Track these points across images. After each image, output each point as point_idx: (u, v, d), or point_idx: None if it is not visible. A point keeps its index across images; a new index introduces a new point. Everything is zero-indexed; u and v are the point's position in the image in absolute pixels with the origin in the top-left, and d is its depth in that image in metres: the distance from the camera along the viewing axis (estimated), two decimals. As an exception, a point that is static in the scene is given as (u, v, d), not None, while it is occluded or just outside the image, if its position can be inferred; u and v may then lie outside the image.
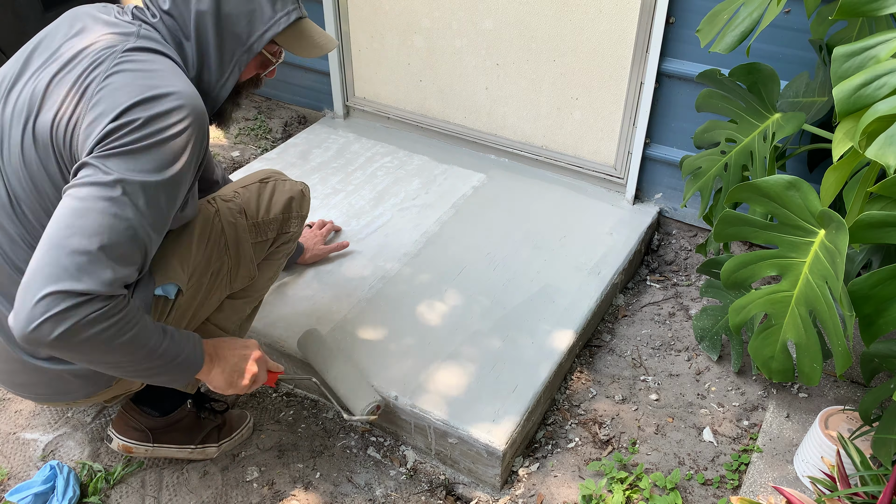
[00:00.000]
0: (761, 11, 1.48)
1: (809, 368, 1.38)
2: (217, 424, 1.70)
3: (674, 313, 2.10)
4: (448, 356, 1.79)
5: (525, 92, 2.42)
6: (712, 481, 1.63)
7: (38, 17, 2.36)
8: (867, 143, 1.04)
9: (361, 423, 1.77)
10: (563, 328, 1.88)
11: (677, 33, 2.05)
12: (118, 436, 1.59)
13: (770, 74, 1.62)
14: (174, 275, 1.33)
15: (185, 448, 1.64)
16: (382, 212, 2.30)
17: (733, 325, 1.51)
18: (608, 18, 2.14)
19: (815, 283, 1.29)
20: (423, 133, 2.71)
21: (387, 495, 1.64)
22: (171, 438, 1.62)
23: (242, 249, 1.52)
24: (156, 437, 1.60)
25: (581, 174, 2.45)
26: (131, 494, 1.62)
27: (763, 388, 1.84)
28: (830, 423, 1.55)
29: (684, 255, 2.29)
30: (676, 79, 2.12)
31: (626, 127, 2.28)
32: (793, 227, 1.32)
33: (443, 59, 2.52)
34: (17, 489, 1.56)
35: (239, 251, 1.51)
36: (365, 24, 2.61)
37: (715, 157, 1.76)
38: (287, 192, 1.62)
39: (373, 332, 1.86)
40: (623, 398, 1.84)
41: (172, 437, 1.62)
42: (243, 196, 1.56)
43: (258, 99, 3.11)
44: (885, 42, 1.10)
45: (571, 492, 1.62)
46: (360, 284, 2.01)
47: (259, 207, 1.57)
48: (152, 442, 1.60)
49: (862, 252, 1.49)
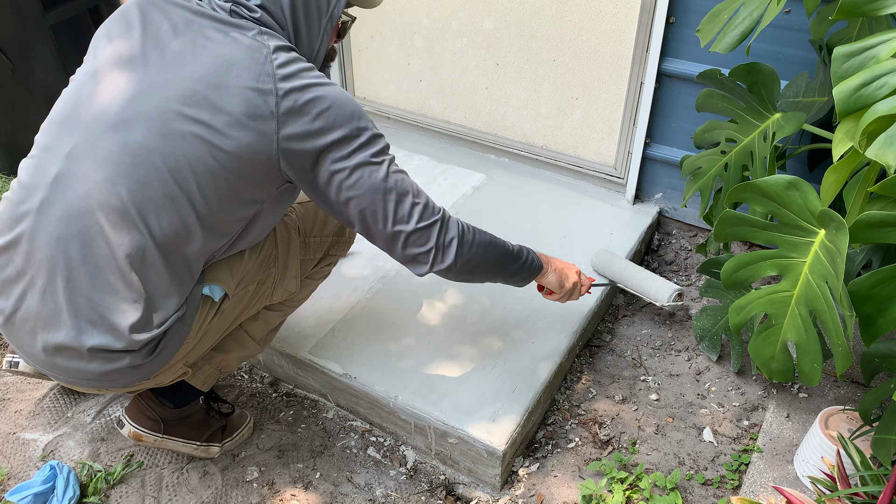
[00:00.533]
0: (761, 11, 1.48)
1: (809, 368, 1.38)
2: (221, 426, 1.71)
3: (674, 313, 2.10)
4: (448, 356, 1.79)
5: (525, 92, 2.42)
6: (712, 481, 1.63)
7: (38, 17, 2.35)
8: (867, 143, 1.04)
9: (673, 308, 2.10)
10: (563, 328, 1.88)
11: (677, 33, 2.05)
12: (130, 422, 1.57)
13: (770, 74, 1.61)
14: (222, 278, 1.37)
15: (191, 443, 1.64)
16: (382, 212, 2.29)
17: (733, 325, 1.51)
18: (608, 18, 2.14)
19: (815, 282, 1.29)
20: (423, 133, 2.71)
21: (387, 495, 1.64)
22: (180, 432, 1.62)
23: (290, 264, 1.54)
24: (166, 429, 1.60)
25: (581, 174, 2.45)
26: (131, 494, 1.62)
27: (763, 388, 1.84)
28: (830, 423, 1.55)
29: (684, 255, 2.29)
30: (676, 79, 2.11)
31: (626, 127, 2.28)
32: (793, 227, 1.32)
33: (443, 59, 2.52)
34: (17, 489, 1.56)
35: (287, 265, 1.54)
36: (365, 24, 2.61)
37: (715, 157, 1.76)
38: None
39: (373, 331, 1.86)
40: (623, 398, 1.84)
41: (182, 430, 1.63)
42: (299, 212, 1.59)
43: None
44: (885, 42, 1.10)
45: (571, 492, 1.62)
46: (360, 284, 2.01)
47: (314, 226, 1.60)
48: (162, 433, 1.59)
49: (862, 252, 1.49)
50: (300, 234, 1.58)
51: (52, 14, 2.43)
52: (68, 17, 2.50)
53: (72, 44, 2.55)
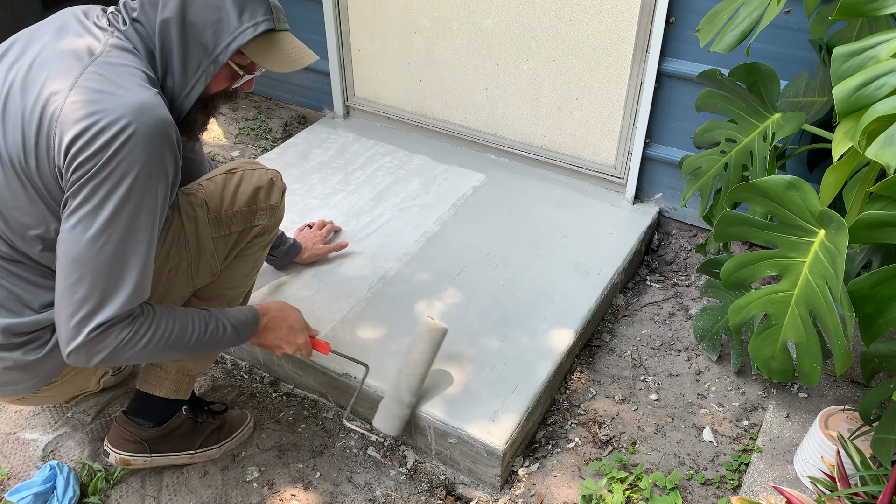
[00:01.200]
0: (761, 11, 1.48)
1: (809, 368, 1.38)
2: (217, 426, 1.70)
3: (674, 313, 2.10)
4: (448, 356, 1.79)
5: (525, 92, 2.42)
6: (712, 481, 1.63)
7: (38, 17, 2.36)
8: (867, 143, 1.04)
9: (351, 430, 1.77)
10: (562, 328, 1.88)
11: (677, 33, 2.05)
12: (114, 450, 1.58)
13: (770, 74, 1.62)
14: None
15: (185, 454, 1.64)
16: (382, 212, 2.30)
17: (733, 325, 1.51)
18: (608, 18, 2.14)
19: (815, 282, 1.29)
20: (423, 133, 2.71)
21: (387, 495, 1.64)
22: (169, 446, 1.62)
23: (203, 244, 1.47)
24: (153, 447, 1.59)
25: (581, 174, 2.45)
26: (131, 494, 1.62)
27: (763, 388, 1.84)
28: (830, 423, 1.55)
29: (684, 255, 2.29)
30: (676, 79, 2.12)
31: (626, 127, 2.28)
32: (793, 227, 1.32)
33: (443, 59, 2.52)
34: (17, 489, 1.56)
35: (201, 245, 1.47)
36: (365, 24, 2.61)
37: (715, 157, 1.76)
38: (255, 182, 1.55)
39: (373, 332, 1.86)
40: (623, 398, 1.84)
41: (171, 444, 1.62)
42: (207, 188, 1.50)
43: (258, 99, 3.11)
44: (885, 42, 1.10)
45: (571, 492, 1.62)
46: (360, 284, 2.01)
47: (223, 200, 1.51)
48: (150, 452, 1.59)
49: (862, 252, 1.49)
50: (209, 210, 1.48)
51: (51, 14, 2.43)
52: (68, 17, 2.50)
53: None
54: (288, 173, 2.48)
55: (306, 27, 2.73)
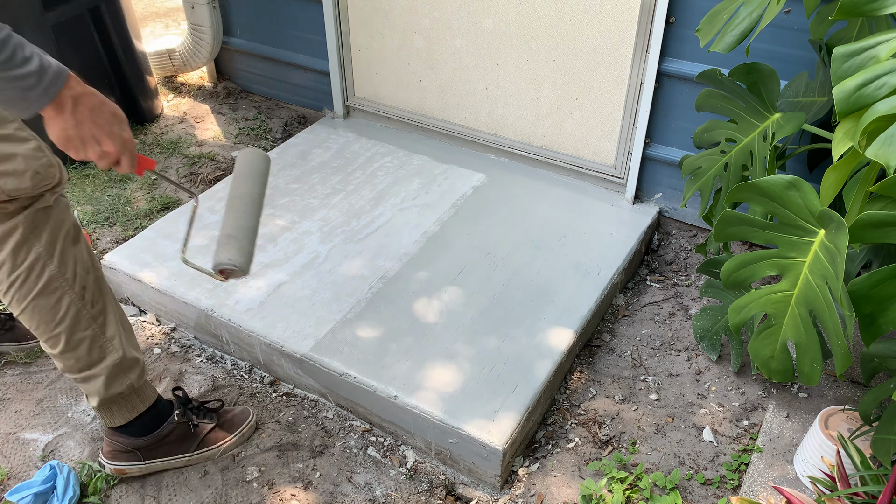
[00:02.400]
0: (761, 11, 1.48)
1: (809, 368, 1.38)
2: (215, 424, 1.69)
3: (674, 313, 2.10)
4: (448, 356, 1.79)
5: (525, 92, 2.42)
6: (712, 481, 1.63)
7: (38, 17, 2.36)
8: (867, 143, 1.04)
9: (195, 268, 1.40)
10: (562, 328, 1.88)
11: (677, 33, 2.05)
12: (109, 462, 1.60)
13: (770, 74, 1.62)
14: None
15: (181, 457, 1.64)
16: (382, 212, 2.30)
17: (733, 325, 1.51)
18: (608, 18, 2.14)
19: (814, 282, 1.29)
20: (423, 133, 2.71)
21: (387, 495, 1.64)
22: (164, 452, 1.62)
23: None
24: (146, 455, 1.60)
25: (581, 174, 2.45)
26: (131, 494, 1.62)
27: (763, 388, 1.84)
28: (830, 423, 1.55)
29: (684, 254, 2.29)
30: (676, 79, 2.12)
31: (626, 127, 2.28)
32: (793, 226, 1.32)
33: (443, 59, 2.52)
34: (17, 489, 1.56)
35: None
36: (365, 24, 2.61)
37: (715, 157, 1.76)
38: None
39: (373, 331, 1.86)
40: (623, 398, 1.84)
41: (166, 449, 1.62)
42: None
43: (258, 99, 3.11)
44: (885, 42, 1.10)
45: (571, 492, 1.62)
46: (360, 284, 2.01)
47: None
48: (144, 460, 1.60)
49: (862, 252, 1.49)
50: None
51: (52, 14, 2.43)
52: (68, 17, 2.50)
53: (72, 44, 2.55)
54: (288, 173, 2.48)
55: (306, 27, 2.73)
